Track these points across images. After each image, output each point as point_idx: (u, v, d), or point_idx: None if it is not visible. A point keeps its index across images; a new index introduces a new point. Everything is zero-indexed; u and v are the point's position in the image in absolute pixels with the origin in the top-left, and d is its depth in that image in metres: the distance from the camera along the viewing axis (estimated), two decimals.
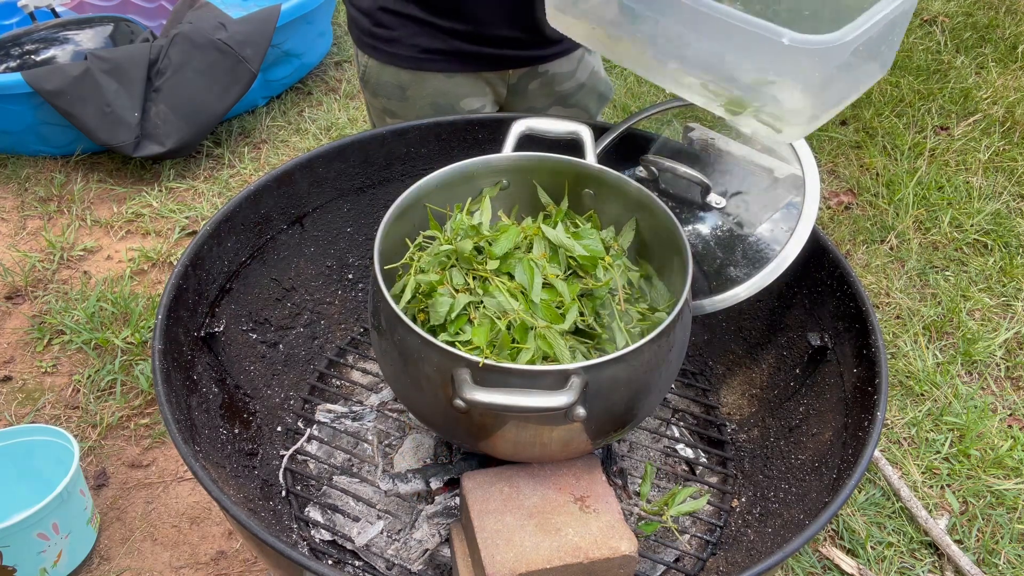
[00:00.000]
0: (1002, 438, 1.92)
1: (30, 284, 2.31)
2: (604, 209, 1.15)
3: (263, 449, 1.23)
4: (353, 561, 1.15)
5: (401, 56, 1.44)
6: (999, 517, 1.77)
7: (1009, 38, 3.53)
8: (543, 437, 0.96)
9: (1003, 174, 2.78)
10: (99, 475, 1.83)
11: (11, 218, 2.58)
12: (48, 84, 2.53)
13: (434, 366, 0.91)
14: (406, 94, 1.49)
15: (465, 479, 1.03)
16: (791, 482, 1.14)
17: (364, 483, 1.22)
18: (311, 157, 1.31)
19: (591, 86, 1.64)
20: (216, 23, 2.77)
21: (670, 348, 0.97)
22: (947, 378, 2.07)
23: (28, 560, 1.55)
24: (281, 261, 1.34)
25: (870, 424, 1.00)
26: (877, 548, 1.71)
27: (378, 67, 1.48)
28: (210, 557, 1.69)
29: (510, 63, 1.50)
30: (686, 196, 1.23)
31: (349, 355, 1.44)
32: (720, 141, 1.25)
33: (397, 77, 1.47)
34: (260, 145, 2.94)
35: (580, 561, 0.93)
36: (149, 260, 2.40)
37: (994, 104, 3.10)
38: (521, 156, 1.15)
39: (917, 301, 2.31)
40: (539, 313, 0.96)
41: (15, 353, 2.12)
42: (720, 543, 1.18)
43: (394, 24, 1.41)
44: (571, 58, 1.57)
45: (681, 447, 1.32)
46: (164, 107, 2.66)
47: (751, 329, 1.35)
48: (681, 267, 1.01)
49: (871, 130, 3.00)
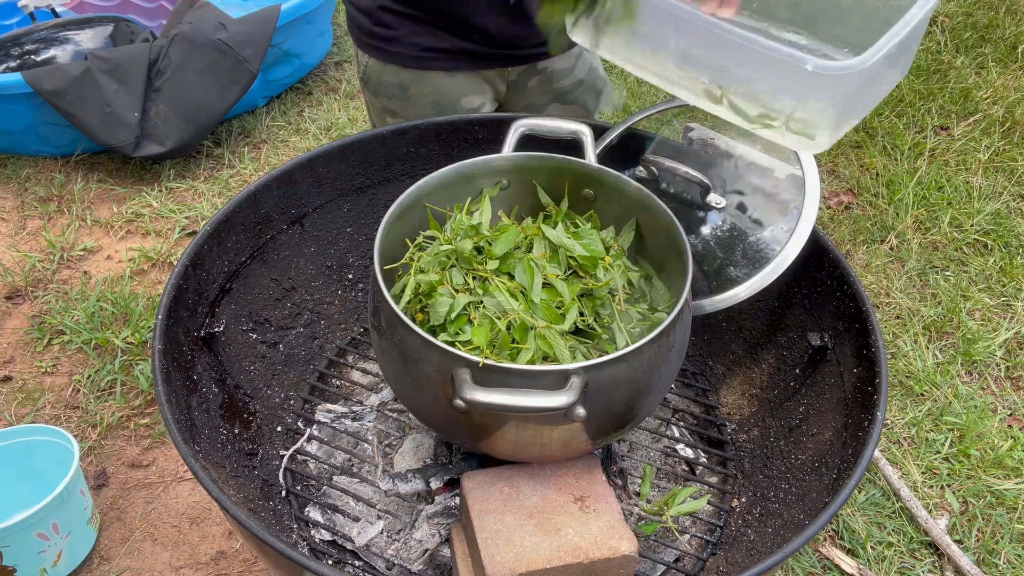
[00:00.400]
0: (1002, 438, 1.92)
1: (30, 284, 2.31)
2: (604, 209, 1.15)
3: (263, 449, 1.23)
4: (353, 561, 1.15)
5: (402, 55, 1.44)
6: (999, 517, 1.77)
7: (1009, 38, 3.53)
8: (543, 437, 0.96)
9: (1003, 174, 2.78)
10: (99, 475, 1.83)
11: (11, 218, 2.58)
12: (48, 84, 2.53)
13: (434, 366, 0.91)
14: (407, 93, 1.49)
15: (465, 479, 1.03)
16: (791, 482, 1.14)
17: (364, 483, 1.22)
18: (311, 157, 1.31)
19: (589, 83, 1.64)
20: (216, 23, 2.77)
21: (670, 348, 0.97)
22: (947, 378, 2.07)
23: (28, 560, 1.55)
24: (281, 261, 1.34)
25: (870, 424, 1.00)
26: (877, 548, 1.71)
27: (379, 66, 1.48)
28: (210, 557, 1.69)
29: (510, 60, 1.51)
30: (686, 196, 1.23)
31: (349, 355, 1.44)
32: (720, 141, 1.25)
33: (398, 76, 1.47)
34: (260, 145, 2.94)
35: (580, 561, 0.93)
36: (149, 260, 2.40)
37: (994, 104, 3.10)
38: (521, 156, 1.15)
39: (917, 301, 2.31)
40: (539, 313, 0.96)
41: (15, 353, 2.12)
42: (720, 543, 1.18)
43: (394, 23, 1.41)
44: (569, 55, 1.58)
45: (681, 447, 1.32)
46: (164, 107, 2.66)
47: (751, 329, 1.35)
48: (681, 267, 1.01)
49: (871, 130, 3.00)
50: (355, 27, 1.49)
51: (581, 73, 1.61)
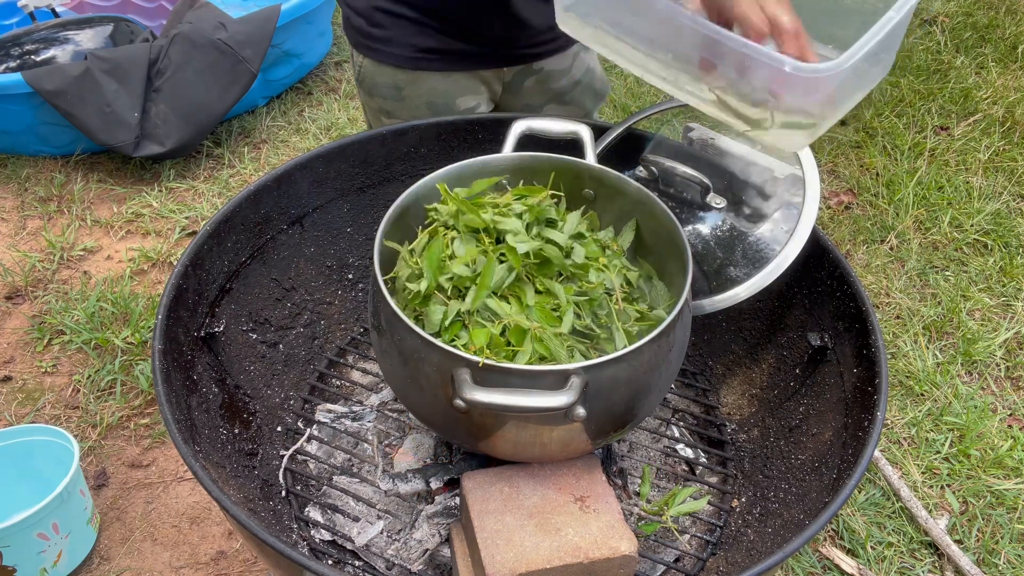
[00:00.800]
0: (1002, 438, 1.93)
1: (30, 284, 2.31)
2: (604, 209, 1.15)
3: (263, 449, 1.23)
4: (353, 561, 1.15)
5: (397, 56, 1.44)
6: (999, 517, 1.77)
7: (1009, 38, 3.53)
8: (543, 437, 0.96)
9: (1003, 174, 2.78)
10: (99, 475, 1.83)
11: (11, 218, 2.58)
12: (48, 84, 2.53)
13: (434, 366, 0.91)
14: (402, 94, 1.49)
15: (465, 479, 1.03)
16: (791, 482, 1.14)
17: (364, 483, 1.22)
18: (311, 157, 1.31)
19: (587, 83, 1.64)
20: (216, 23, 2.77)
21: (670, 348, 0.97)
22: (947, 378, 2.07)
23: (28, 560, 1.55)
24: (281, 261, 1.34)
25: (870, 424, 1.00)
26: (877, 548, 1.71)
27: (374, 67, 1.48)
28: (210, 557, 1.69)
29: (505, 60, 1.50)
30: (686, 196, 1.23)
31: (349, 355, 1.44)
32: (720, 141, 1.25)
33: (393, 77, 1.47)
34: (260, 145, 2.94)
35: (580, 561, 0.93)
36: (149, 260, 2.40)
37: (994, 104, 3.10)
38: (521, 156, 1.15)
39: (917, 301, 2.31)
40: (534, 316, 0.96)
41: (15, 353, 2.12)
42: (720, 543, 1.18)
43: (389, 24, 1.41)
44: (566, 55, 1.57)
45: (681, 447, 1.32)
46: (164, 107, 2.66)
47: (751, 329, 1.35)
48: (681, 267, 1.01)
49: (871, 130, 3.00)
50: (350, 28, 1.48)
51: (578, 74, 1.61)
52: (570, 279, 1.03)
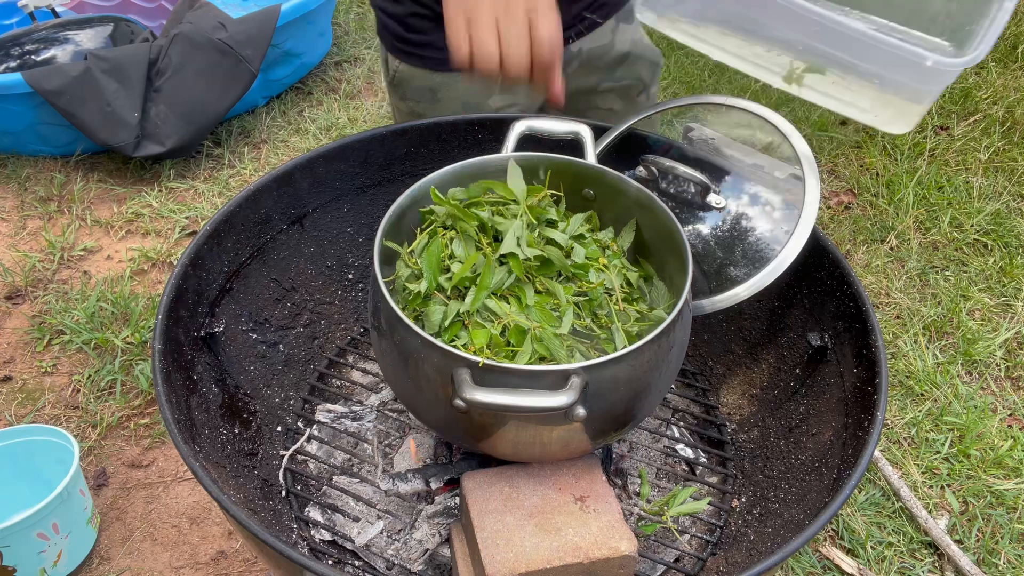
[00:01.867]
0: (1002, 438, 1.93)
1: (30, 284, 2.31)
2: (604, 209, 1.15)
3: (263, 449, 1.23)
4: (353, 561, 1.15)
5: (435, 59, 1.43)
6: (999, 517, 1.77)
7: (1009, 38, 3.52)
8: (543, 437, 0.96)
9: (1003, 174, 2.78)
10: (99, 475, 1.83)
11: (11, 218, 2.58)
12: (48, 84, 2.53)
13: (434, 366, 0.91)
14: (437, 96, 1.48)
15: (465, 479, 1.03)
16: (791, 482, 1.14)
17: (364, 483, 1.22)
18: (311, 157, 1.31)
19: (637, 54, 1.59)
20: (216, 23, 2.77)
21: (670, 348, 0.97)
22: (947, 378, 2.07)
23: (28, 560, 1.55)
24: (281, 261, 1.34)
25: (870, 424, 1.00)
26: (877, 548, 1.71)
27: (409, 71, 1.47)
28: (210, 557, 1.70)
29: None
30: (686, 196, 1.23)
31: (349, 355, 1.44)
32: (720, 141, 1.25)
33: (429, 80, 1.47)
34: (260, 145, 2.95)
35: (580, 561, 0.93)
36: (149, 260, 2.40)
37: (994, 104, 3.10)
38: (521, 156, 1.15)
39: (917, 301, 2.31)
40: (534, 316, 0.96)
41: (15, 353, 2.12)
42: (720, 543, 1.18)
43: (428, 28, 1.41)
44: (602, 31, 1.53)
45: (681, 447, 1.32)
46: (164, 107, 2.66)
47: (751, 329, 1.35)
48: (681, 267, 1.01)
49: (871, 130, 3.00)
50: (387, 33, 1.47)
51: (624, 46, 1.57)
52: (570, 279, 1.03)
